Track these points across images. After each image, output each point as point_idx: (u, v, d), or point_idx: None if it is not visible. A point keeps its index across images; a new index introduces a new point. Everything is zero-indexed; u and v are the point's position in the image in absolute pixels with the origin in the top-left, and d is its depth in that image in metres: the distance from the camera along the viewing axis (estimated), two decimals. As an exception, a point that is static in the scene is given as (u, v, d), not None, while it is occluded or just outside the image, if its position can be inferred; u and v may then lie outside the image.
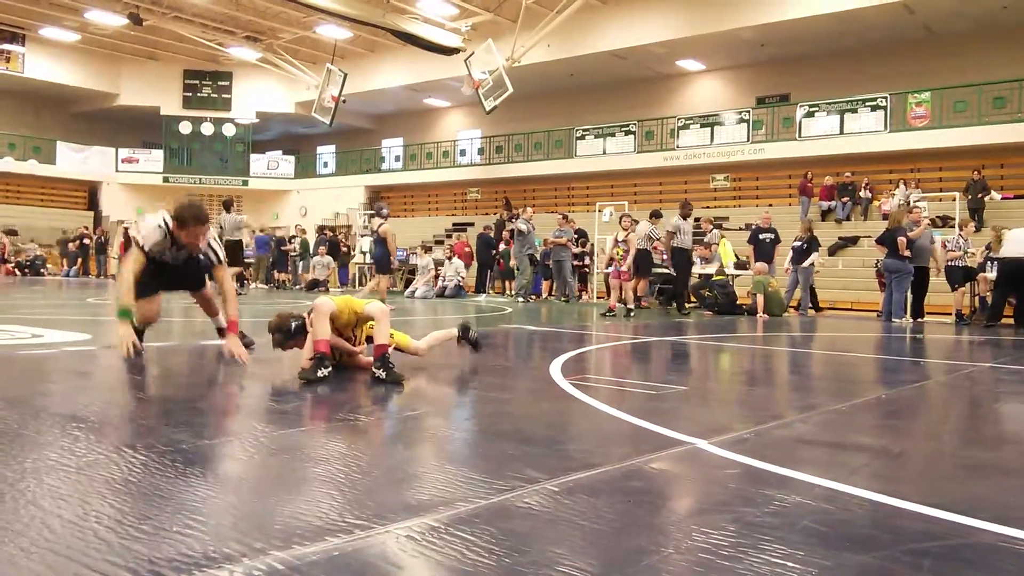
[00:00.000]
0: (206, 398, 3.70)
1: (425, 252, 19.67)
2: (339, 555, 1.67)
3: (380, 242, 12.50)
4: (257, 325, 5.56)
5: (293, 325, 4.41)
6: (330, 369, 4.18)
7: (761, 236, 14.75)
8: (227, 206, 15.43)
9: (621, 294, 12.11)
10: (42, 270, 26.45)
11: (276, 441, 2.79)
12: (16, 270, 25.66)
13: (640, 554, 1.76)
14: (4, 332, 6.45)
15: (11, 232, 26.92)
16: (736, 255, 15.83)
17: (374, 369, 4.21)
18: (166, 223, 4.55)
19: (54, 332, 6.46)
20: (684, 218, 13.13)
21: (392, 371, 4.17)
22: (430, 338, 5.08)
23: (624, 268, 11.98)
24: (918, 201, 17.41)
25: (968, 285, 13.28)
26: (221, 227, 14.67)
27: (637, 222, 12.78)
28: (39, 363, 4.59)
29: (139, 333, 4.68)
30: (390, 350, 4.29)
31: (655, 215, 13.65)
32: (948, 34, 20.22)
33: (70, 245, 26.80)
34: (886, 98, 19.85)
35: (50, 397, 3.61)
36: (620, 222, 12.63)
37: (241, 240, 15.17)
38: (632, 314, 11.75)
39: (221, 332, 5.16)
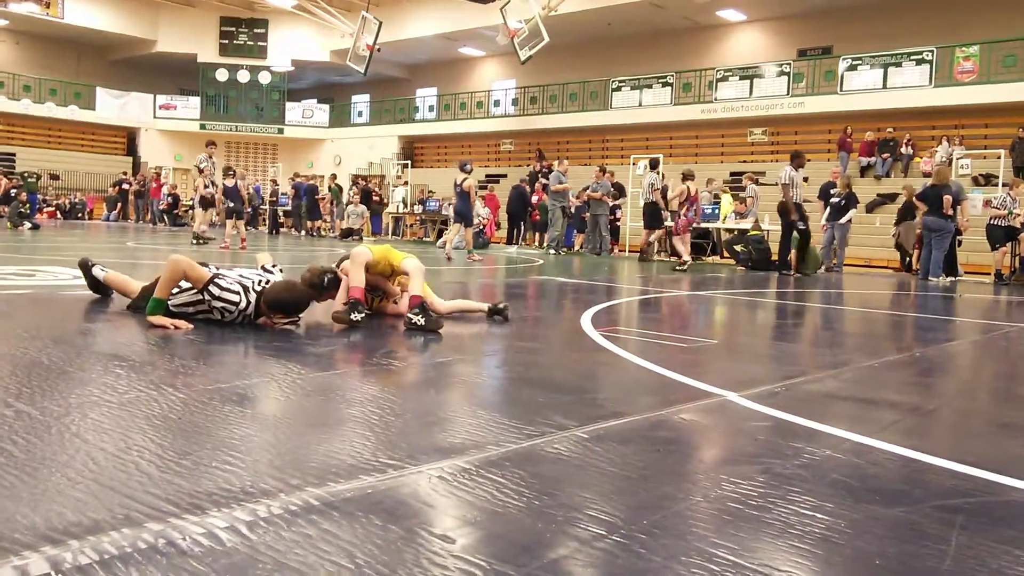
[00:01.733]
0: (243, 340, 3.76)
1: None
2: (372, 492, 1.71)
3: (463, 196, 12.88)
4: (294, 272, 5.61)
5: (325, 280, 4.41)
6: (363, 315, 4.23)
7: (832, 192, 13.93)
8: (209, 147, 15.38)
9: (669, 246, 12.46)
10: (80, 215, 26.89)
11: (311, 383, 2.84)
12: (58, 213, 26.11)
13: (668, 501, 1.78)
14: (48, 273, 6.60)
15: (53, 177, 27.34)
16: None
17: (410, 315, 4.24)
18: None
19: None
20: (797, 168, 12.29)
21: (431, 317, 4.22)
22: (456, 304, 5.11)
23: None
24: (961, 158, 17.00)
25: (1009, 245, 12.99)
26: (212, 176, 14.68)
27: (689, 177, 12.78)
28: (81, 304, 4.68)
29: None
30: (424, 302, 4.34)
31: (653, 165, 13.65)
32: (1000, -15, 19.51)
33: (110, 190, 27.16)
34: (932, 52, 19.26)
35: (92, 336, 3.69)
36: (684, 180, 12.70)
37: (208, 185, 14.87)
38: (680, 267, 12.06)
39: None
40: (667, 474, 1.99)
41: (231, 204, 13.60)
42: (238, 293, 4.00)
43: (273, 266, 4.51)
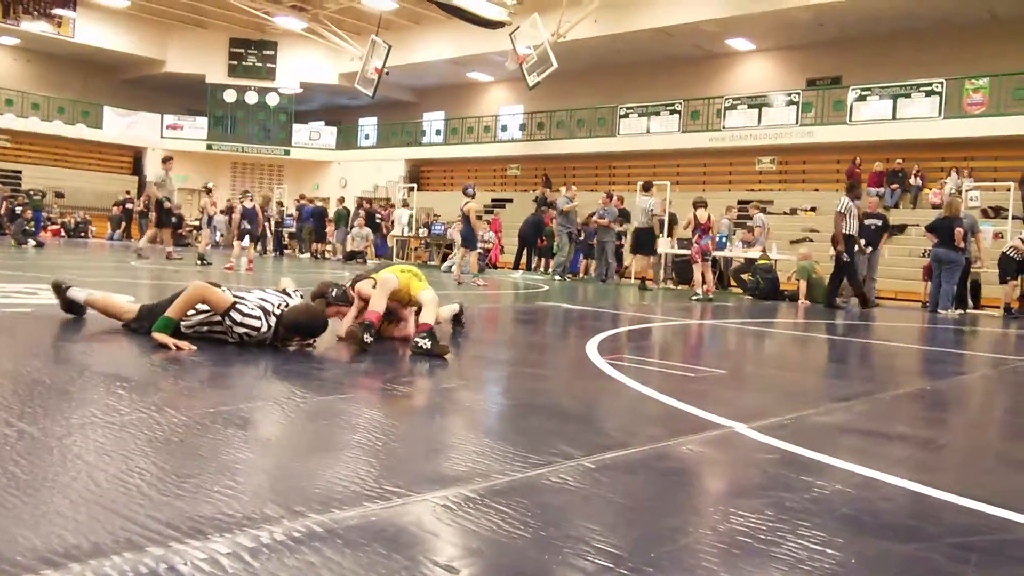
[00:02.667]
0: (247, 363, 3.74)
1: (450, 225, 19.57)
2: (376, 520, 1.68)
3: (466, 220, 13.03)
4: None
5: (334, 292, 4.57)
6: (373, 339, 4.23)
7: (867, 222, 13.31)
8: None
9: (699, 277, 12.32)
10: (84, 233, 26.98)
11: (315, 407, 2.82)
12: (62, 231, 26.21)
13: (676, 533, 1.75)
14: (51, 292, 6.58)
15: (59, 195, 27.48)
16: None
17: (417, 339, 4.24)
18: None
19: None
20: (854, 200, 11.88)
21: (437, 342, 4.23)
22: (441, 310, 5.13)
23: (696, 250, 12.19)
24: (970, 190, 16.99)
25: (1020, 279, 12.91)
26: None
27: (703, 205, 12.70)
28: (84, 323, 4.67)
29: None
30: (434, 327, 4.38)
31: (646, 187, 13.64)
32: (1011, 19, 19.58)
33: (114, 209, 27.27)
34: (942, 83, 19.32)
35: (94, 356, 3.68)
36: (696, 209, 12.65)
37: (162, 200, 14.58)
38: (697, 296, 12.02)
39: None
40: (675, 506, 1.96)
41: (247, 226, 13.62)
42: (259, 318, 4.00)
43: (295, 291, 4.51)
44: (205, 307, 4.03)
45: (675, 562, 1.57)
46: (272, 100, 32.29)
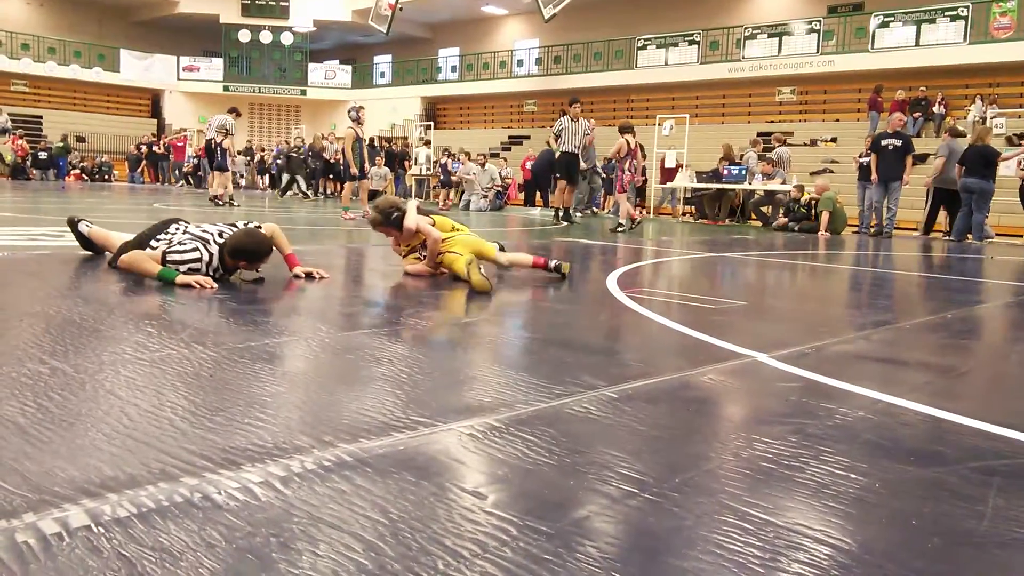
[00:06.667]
0: (273, 300, 3.78)
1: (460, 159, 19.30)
2: (404, 449, 1.71)
3: (345, 148, 11.95)
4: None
5: (394, 214, 4.75)
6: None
7: (884, 142, 12.39)
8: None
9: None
10: (107, 177, 27.09)
11: (340, 342, 2.85)
12: (84, 176, 26.33)
13: (699, 460, 1.77)
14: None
15: (80, 139, 27.51)
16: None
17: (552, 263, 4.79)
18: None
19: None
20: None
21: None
22: (512, 257, 5.14)
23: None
24: (995, 117, 16.63)
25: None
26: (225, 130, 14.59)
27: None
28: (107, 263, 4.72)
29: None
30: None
31: (573, 101, 12.69)
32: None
33: (138, 151, 27.30)
34: (967, 7, 18.76)
35: (122, 296, 3.72)
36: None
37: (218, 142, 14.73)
38: (621, 228, 11.04)
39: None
40: (698, 433, 1.98)
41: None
42: (195, 249, 4.03)
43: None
44: (181, 256, 4.03)
45: (699, 488, 1.59)
46: (287, 39, 31.92)
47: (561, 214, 12.84)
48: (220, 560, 1.19)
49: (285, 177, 22.08)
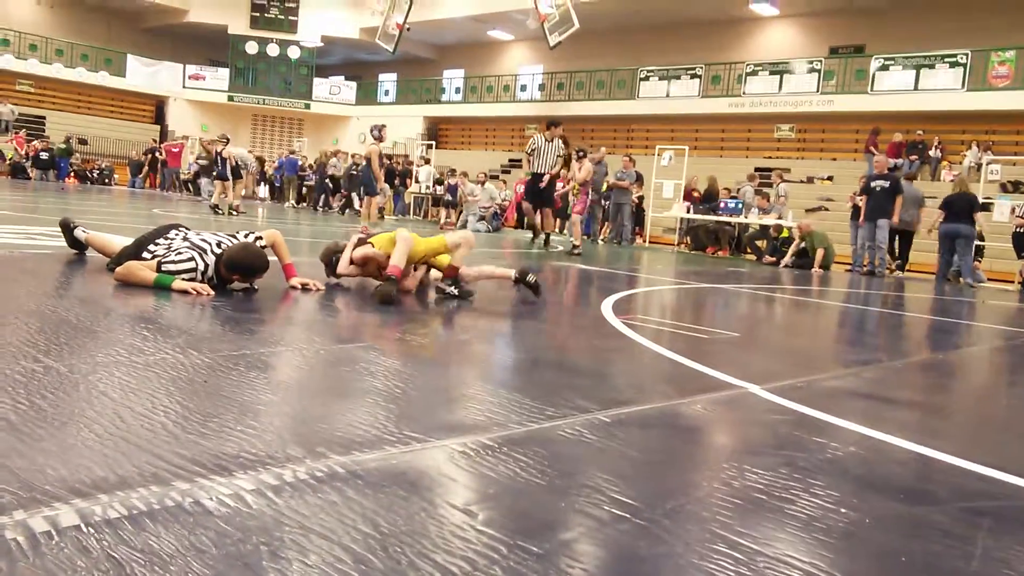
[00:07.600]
0: (269, 310, 3.78)
1: (458, 180, 19.37)
2: (396, 463, 1.71)
3: (368, 164, 12.22)
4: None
5: (333, 259, 4.81)
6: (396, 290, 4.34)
7: (873, 184, 12.50)
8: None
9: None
10: (108, 181, 27.09)
11: (335, 354, 2.85)
12: (78, 178, 26.33)
13: (691, 487, 1.77)
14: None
15: (82, 142, 27.54)
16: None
17: (443, 285, 4.52)
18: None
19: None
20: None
21: (462, 288, 4.52)
22: (482, 270, 5.11)
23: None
24: (991, 163, 16.78)
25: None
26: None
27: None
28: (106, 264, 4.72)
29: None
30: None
31: (552, 124, 12.08)
32: (1042, -11, 19.17)
33: (141, 156, 27.29)
34: (967, 55, 18.97)
35: (119, 299, 3.72)
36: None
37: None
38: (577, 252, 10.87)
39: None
40: (689, 461, 1.99)
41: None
42: (191, 259, 4.01)
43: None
44: (176, 267, 4.00)
45: (690, 515, 1.59)
46: (293, 53, 32.07)
47: (537, 237, 12.31)
48: (209, 566, 1.19)
49: (336, 196, 22.12)
